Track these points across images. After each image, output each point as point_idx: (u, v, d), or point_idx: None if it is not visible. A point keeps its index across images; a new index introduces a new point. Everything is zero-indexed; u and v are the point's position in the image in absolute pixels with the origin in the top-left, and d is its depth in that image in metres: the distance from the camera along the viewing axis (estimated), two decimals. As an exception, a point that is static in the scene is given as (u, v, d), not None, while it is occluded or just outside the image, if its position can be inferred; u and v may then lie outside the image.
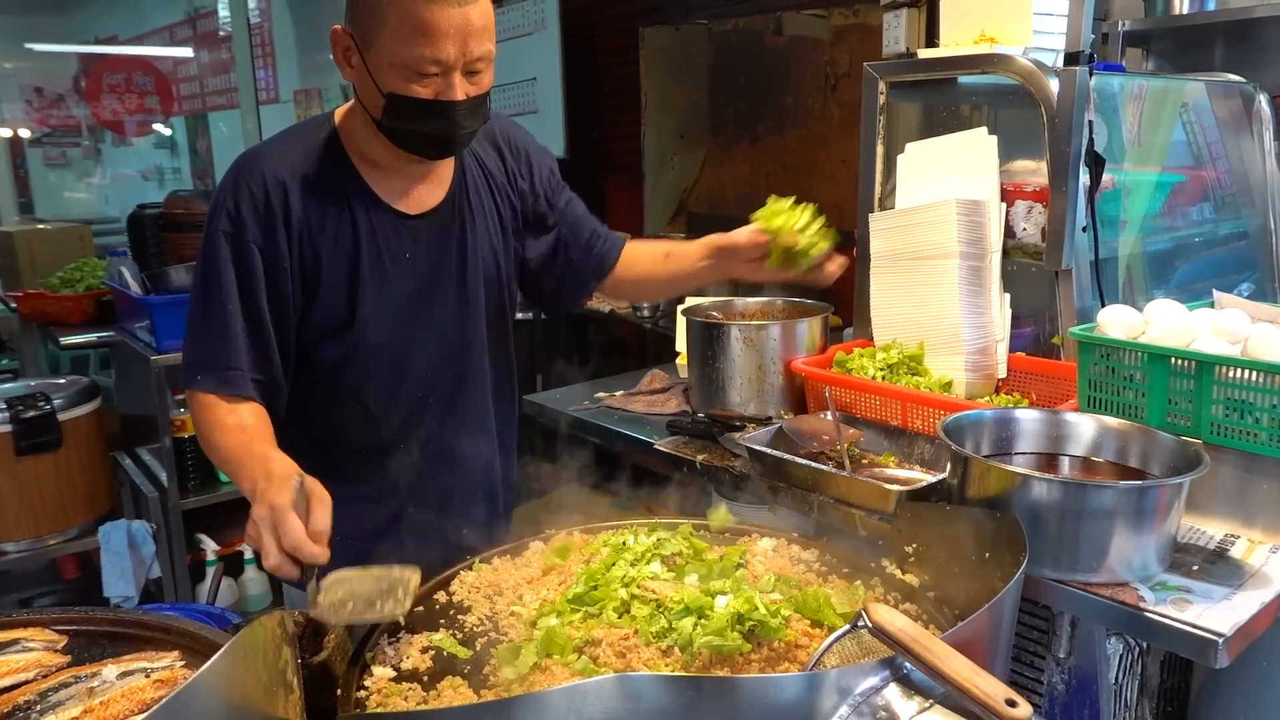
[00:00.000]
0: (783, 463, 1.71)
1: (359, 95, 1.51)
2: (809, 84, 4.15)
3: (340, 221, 1.54)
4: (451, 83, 1.43)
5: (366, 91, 1.48)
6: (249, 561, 3.49)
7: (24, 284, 4.24)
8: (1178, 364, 1.51)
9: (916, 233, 1.97)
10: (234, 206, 1.49)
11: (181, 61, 7.75)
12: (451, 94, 1.43)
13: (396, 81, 1.42)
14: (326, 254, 1.54)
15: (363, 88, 1.49)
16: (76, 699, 1.03)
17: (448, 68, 1.41)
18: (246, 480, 1.34)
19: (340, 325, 1.57)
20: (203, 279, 1.52)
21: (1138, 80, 2.29)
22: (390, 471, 1.67)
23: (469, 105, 1.46)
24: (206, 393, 1.49)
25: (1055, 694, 1.57)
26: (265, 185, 1.49)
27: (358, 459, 1.66)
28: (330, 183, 1.54)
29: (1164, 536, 1.36)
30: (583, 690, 0.85)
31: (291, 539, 1.20)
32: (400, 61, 1.40)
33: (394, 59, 1.40)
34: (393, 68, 1.41)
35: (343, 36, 1.47)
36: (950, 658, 0.83)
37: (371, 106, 1.49)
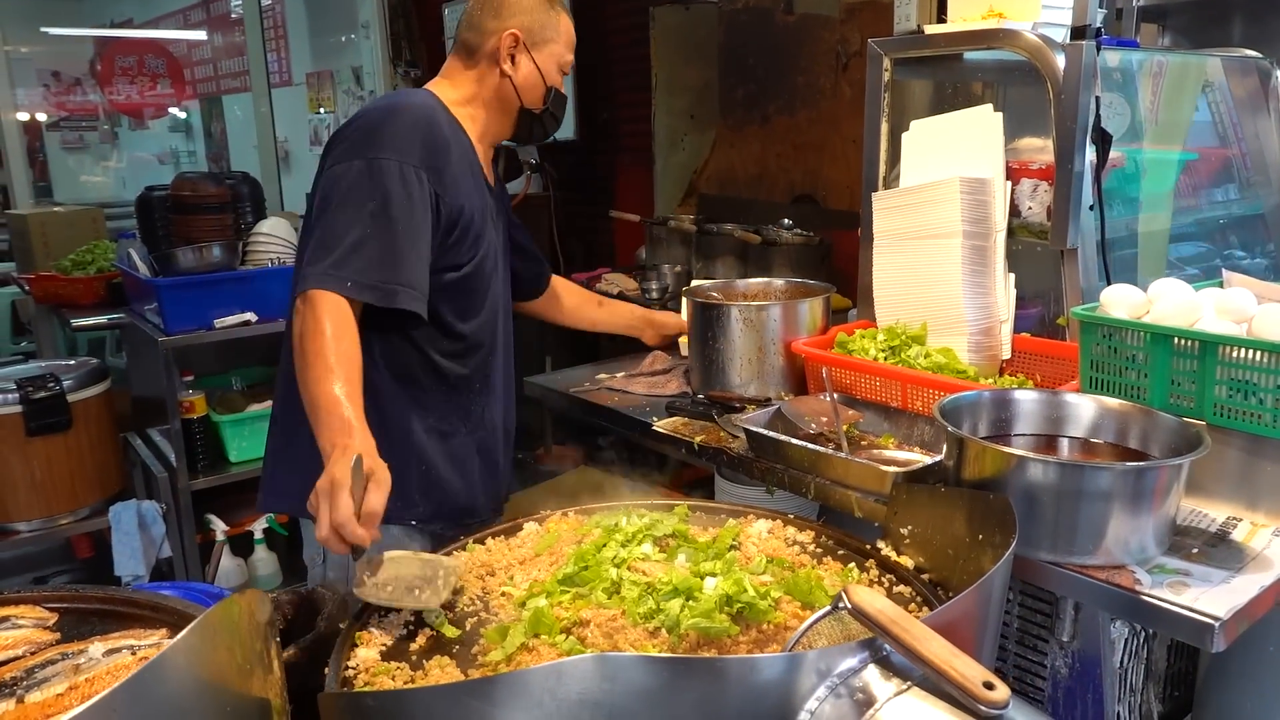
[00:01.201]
0: (780, 444, 1.70)
1: (518, 87, 1.83)
2: (820, 63, 4.10)
3: (467, 176, 1.78)
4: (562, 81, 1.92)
5: (530, 84, 1.84)
6: (259, 542, 3.51)
7: (38, 267, 4.26)
8: (1181, 344, 1.49)
9: (919, 211, 1.94)
10: (406, 139, 1.66)
11: (195, 45, 7.77)
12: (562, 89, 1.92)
13: (556, 77, 1.88)
14: (466, 198, 1.76)
15: (525, 80, 1.84)
16: (62, 675, 1.04)
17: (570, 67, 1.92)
18: (325, 434, 1.42)
19: (468, 257, 1.78)
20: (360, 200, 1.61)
21: (1156, 56, 2.24)
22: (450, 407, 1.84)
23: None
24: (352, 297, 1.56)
25: (1059, 678, 1.56)
26: (433, 128, 1.71)
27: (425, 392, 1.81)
28: (461, 142, 1.79)
29: (1163, 519, 1.33)
30: (558, 670, 0.84)
31: (339, 515, 1.25)
32: (563, 64, 1.88)
33: (561, 62, 1.88)
34: (557, 67, 1.87)
35: (516, 38, 1.81)
36: (929, 640, 0.82)
37: (531, 96, 1.85)
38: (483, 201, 1.82)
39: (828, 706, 0.84)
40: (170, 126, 9.44)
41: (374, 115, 1.70)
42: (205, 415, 3.29)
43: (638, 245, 4.55)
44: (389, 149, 1.64)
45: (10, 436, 3.00)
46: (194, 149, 9.53)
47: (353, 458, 1.30)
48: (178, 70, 7.19)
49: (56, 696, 1.01)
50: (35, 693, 1.01)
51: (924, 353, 1.90)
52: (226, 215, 3.43)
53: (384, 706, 0.91)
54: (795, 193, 4.31)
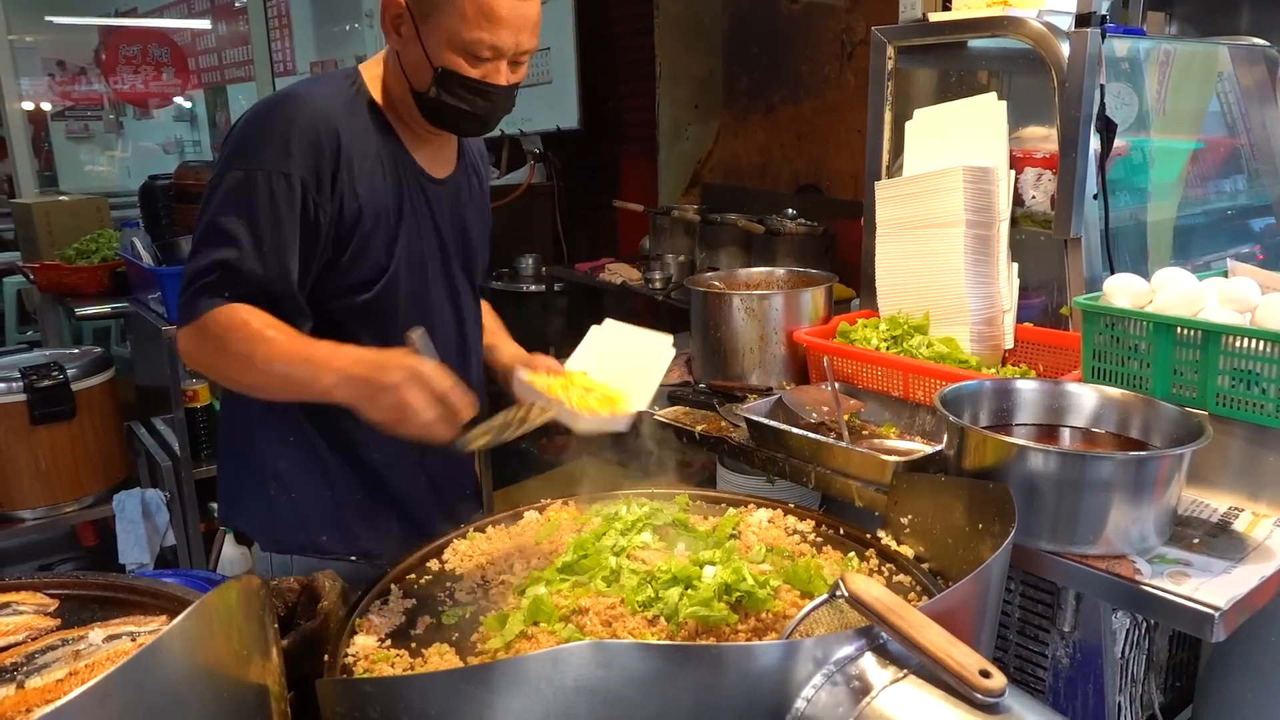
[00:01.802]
0: (781, 433, 1.70)
1: (405, 67, 1.53)
2: (825, 52, 4.09)
3: (378, 174, 1.55)
4: (499, 69, 1.50)
5: (413, 61, 1.51)
6: (262, 530, 3.52)
7: (42, 256, 4.27)
8: (1184, 333, 1.48)
9: (922, 200, 1.93)
10: (283, 143, 1.45)
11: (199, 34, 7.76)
12: (497, 79, 1.50)
13: (451, 58, 1.47)
14: (367, 203, 1.53)
15: (410, 57, 1.51)
16: (62, 661, 1.04)
17: (500, 55, 1.48)
18: (329, 373, 1.33)
19: (375, 273, 1.56)
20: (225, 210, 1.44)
21: (1163, 45, 2.23)
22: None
23: (507, 92, 1.53)
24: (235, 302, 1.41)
25: (1059, 668, 1.56)
26: (316, 126, 1.48)
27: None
28: (369, 136, 1.55)
29: (1164, 509, 1.33)
30: (555, 657, 0.84)
31: (443, 383, 1.23)
32: (460, 42, 1.45)
33: (455, 38, 1.45)
34: (451, 45, 1.46)
35: (398, 5, 1.49)
36: (925, 628, 0.81)
37: (416, 77, 1.52)
38: (401, 200, 1.58)
39: (824, 694, 0.83)
40: (175, 116, 9.44)
41: (253, 116, 1.51)
42: (209, 404, 3.29)
43: (641, 235, 4.54)
44: (261, 153, 1.45)
45: (15, 425, 3.01)
46: (199, 138, 9.53)
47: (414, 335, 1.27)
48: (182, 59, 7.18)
49: (56, 682, 1.01)
50: (35, 678, 1.02)
51: (926, 342, 1.89)
52: (230, 204, 3.42)
53: (382, 693, 0.92)
54: (799, 182, 4.30)
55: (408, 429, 1.27)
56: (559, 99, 4.91)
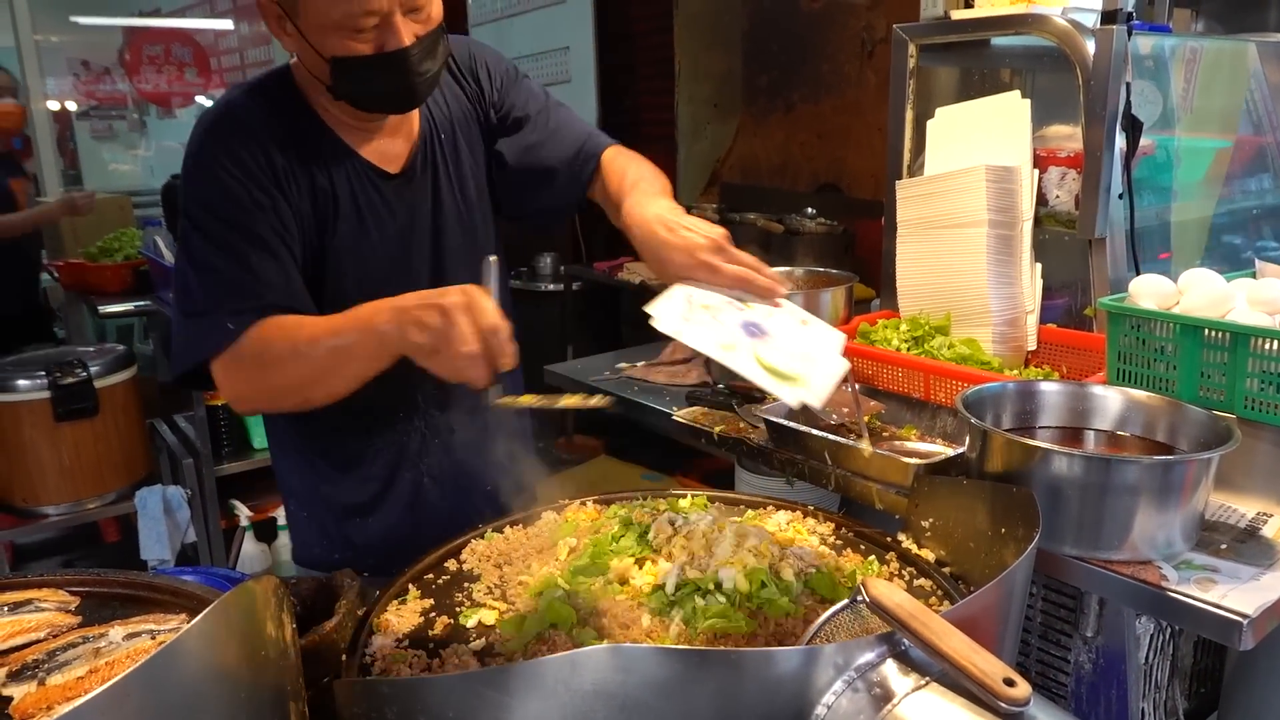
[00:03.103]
0: (800, 435, 1.68)
1: (307, 66, 1.39)
2: (845, 51, 4.07)
3: (317, 177, 1.42)
4: (393, 27, 1.29)
5: (309, 58, 1.35)
6: (282, 528, 3.55)
7: (66, 254, 4.32)
8: (1211, 335, 1.46)
9: (944, 200, 1.91)
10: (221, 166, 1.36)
11: (222, 34, 7.82)
12: (397, 40, 1.30)
13: (335, 42, 1.29)
14: (302, 210, 1.41)
15: (305, 56, 1.36)
16: (83, 659, 1.05)
17: (385, 15, 1.28)
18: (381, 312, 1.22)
19: (312, 283, 1.44)
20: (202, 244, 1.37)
21: (1190, 42, 2.19)
22: (375, 439, 1.60)
23: (421, 48, 1.33)
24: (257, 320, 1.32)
25: (1082, 673, 1.54)
26: (247, 142, 1.37)
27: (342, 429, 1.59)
28: (304, 138, 1.42)
29: (1190, 514, 1.31)
30: (572, 660, 0.83)
31: (494, 319, 1.13)
32: (332, 21, 1.27)
33: (325, 19, 1.28)
34: (328, 29, 1.29)
35: (269, 5, 1.32)
36: (948, 635, 0.80)
37: (318, 73, 1.36)
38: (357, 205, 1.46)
39: (845, 700, 0.82)
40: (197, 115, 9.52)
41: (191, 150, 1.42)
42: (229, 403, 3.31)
43: (660, 234, 4.53)
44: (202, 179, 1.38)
45: (39, 422, 3.04)
46: (221, 138, 9.59)
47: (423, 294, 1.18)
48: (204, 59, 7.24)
49: (77, 679, 1.02)
50: (57, 675, 1.02)
51: (947, 343, 1.87)
52: (251, 203, 3.44)
53: (399, 694, 0.91)
54: (819, 181, 4.28)
55: (443, 359, 1.16)
56: (578, 98, 4.91)
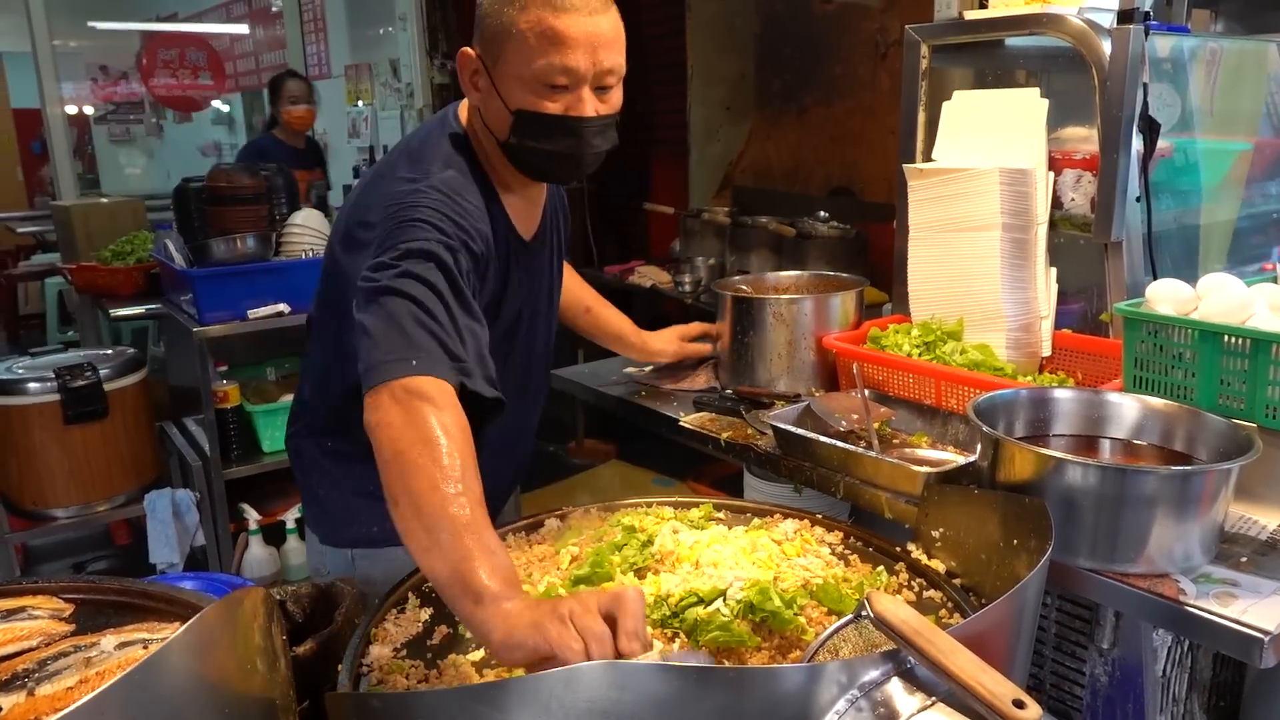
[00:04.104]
0: (808, 442, 1.65)
1: (486, 119, 1.46)
2: (859, 53, 4.03)
3: (489, 244, 1.45)
4: (581, 97, 1.37)
5: (493, 112, 1.43)
6: (291, 531, 3.54)
7: (80, 257, 4.33)
8: (1231, 342, 1.42)
9: (957, 203, 1.88)
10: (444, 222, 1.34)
11: (237, 38, 7.86)
12: (582, 109, 1.38)
13: (525, 97, 1.37)
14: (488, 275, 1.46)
15: (490, 109, 1.43)
16: (73, 669, 1.03)
17: (578, 79, 1.36)
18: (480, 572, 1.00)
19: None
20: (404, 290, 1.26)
21: (1209, 43, 2.15)
22: None
23: (600, 124, 1.41)
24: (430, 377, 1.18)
25: (1098, 686, 1.51)
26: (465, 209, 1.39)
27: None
28: (485, 204, 1.46)
29: (1209, 526, 1.27)
30: (566, 677, 0.81)
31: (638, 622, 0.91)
32: (529, 74, 1.35)
33: (522, 72, 1.36)
34: (521, 82, 1.37)
35: (471, 59, 1.43)
36: (955, 653, 0.77)
37: (498, 127, 1.43)
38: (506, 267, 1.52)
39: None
40: (213, 119, 9.58)
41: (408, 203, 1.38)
42: (239, 405, 3.31)
43: (672, 238, 4.51)
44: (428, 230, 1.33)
45: (49, 424, 3.05)
46: (236, 141, 9.66)
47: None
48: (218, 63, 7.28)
49: (66, 690, 1.00)
50: (46, 685, 1.01)
51: (960, 349, 1.84)
52: (261, 206, 3.44)
53: (390, 709, 0.89)
54: (832, 185, 4.25)
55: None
56: (589, 101, 4.88)
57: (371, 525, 1.61)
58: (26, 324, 7.88)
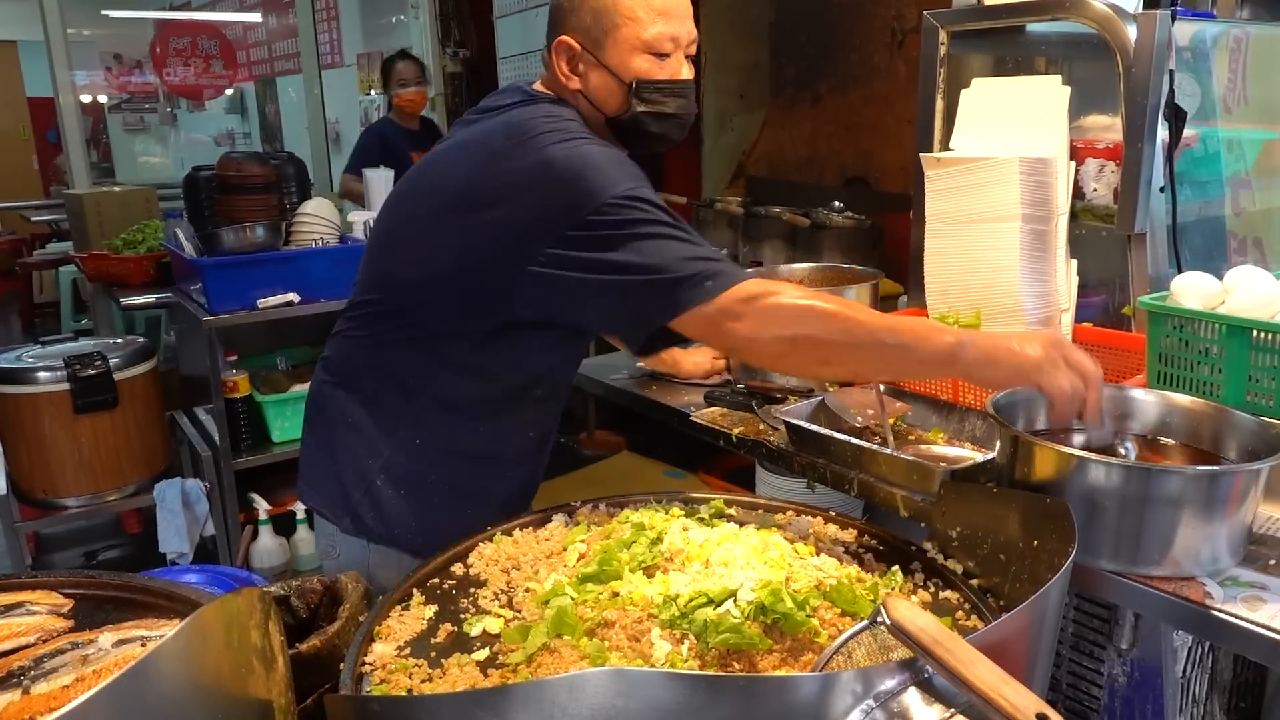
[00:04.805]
0: (822, 438, 1.62)
1: (593, 99, 1.54)
2: (875, 41, 3.98)
3: None
4: (680, 62, 1.53)
5: (604, 90, 1.52)
6: (300, 521, 3.53)
7: (92, 246, 4.33)
8: (1260, 337, 1.38)
9: (975, 193, 1.84)
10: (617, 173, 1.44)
11: (250, 27, 7.84)
12: (681, 73, 1.53)
13: (640, 66, 1.50)
14: None
15: (599, 87, 1.53)
16: (70, 666, 1.01)
17: (679, 46, 1.52)
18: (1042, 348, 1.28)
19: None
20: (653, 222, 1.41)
21: (1234, 30, 2.10)
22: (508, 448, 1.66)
23: (694, 88, 1.56)
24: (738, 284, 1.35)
25: (1116, 686, 1.47)
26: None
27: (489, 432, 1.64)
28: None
29: (1237, 527, 1.23)
30: (570, 683, 0.78)
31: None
32: (643, 44, 1.49)
33: (636, 43, 1.49)
34: (634, 52, 1.49)
35: (570, 45, 1.52)
36: (976, 663, 0.74)
37: (610, 103, 1.53)
38: None
39: (863, 731, 0.77)
40: (226, 108, 9.58)
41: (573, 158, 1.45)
42: (249, 395, 3.30)
43: (684, 228, 4.47)
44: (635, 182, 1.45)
45: (58, 414, 3.04)
46: (249, 130, 9.66)
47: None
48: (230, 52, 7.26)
49: (63, 688, 0.98)
50: (42, 683, 0.99)
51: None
52: (271, 195, 3.42)
53: (390, 713, 0.87)
54: (847, 175, 4.20)
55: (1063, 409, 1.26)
56: (602, 89, 4.84)
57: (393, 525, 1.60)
58: (41, 312, 7.92)
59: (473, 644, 1.16)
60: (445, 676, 1.08)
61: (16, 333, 7.97)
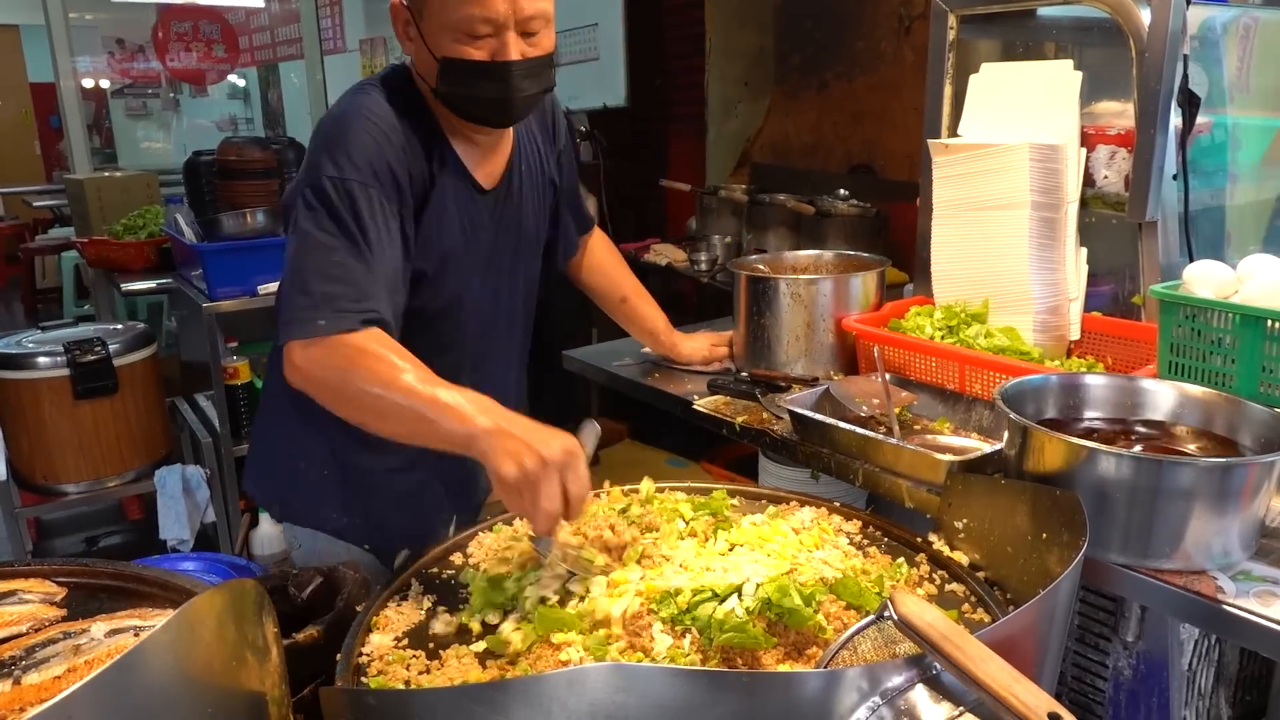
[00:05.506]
0: (826, 427, 1.60)
1: (418, 68, 1.49)
2: (881, 27, 3.93)
3: (428, 184, 1.49)
4: (505, 42, 1.40)
5: (423, 61, 1.46)
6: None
7: (94, 231, 4.31)
8: (1275, 327, 1.35)
9: (984, 180, 1.81)
10: (355, 155, 1.39)
11: (252, 12, 7.79)
12: (506, 54, 1.40)
13: (449, 45, 1.40)
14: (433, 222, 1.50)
15: (420, 58, 1.47)
16: (62, 656, 1.00)
17: (500, 26, 1.39)
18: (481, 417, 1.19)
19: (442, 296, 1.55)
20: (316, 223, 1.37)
21: (1244, 17, 2.06)
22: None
23: (526, 67, 1.43)
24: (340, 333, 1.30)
25: (1121, 679, 1.45)
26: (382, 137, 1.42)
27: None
28: (424, 144, 1.49)
29: (1250, 520, 1.21)
30: (569, 678, 0.77)
31: (582, 487, 1.16)
32: (451, 22, 1.38)
33: (444, 21, 1.39)
34: (444, 30, 1.40)
35: (401, 9, 1.46)
36: (986, 660, 0.72)
37: (428, 75, 1.46)
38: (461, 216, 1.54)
39: (869, 728, 0.75)
40: (229, 93, 9.55)
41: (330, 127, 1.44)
42: (249, 381, 3.28)
43: (689, 215, 4.44)
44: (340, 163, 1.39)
45: (59, 399, 3.03)
46: (252, 116, 9.62)
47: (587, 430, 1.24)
48: (232, 37, 7.22)
49: (54, 679, 0.96)
50: (33, 674, 0.97)
51: (985, 332, 1.78)
52: (272, 180, 3.41)
53: (386, 706, 0.85)
54: (852, 162, 4.16)
55: (521, 502, 1.16)
56: (606, 76, 4.81)
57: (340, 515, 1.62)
58: (44, 298, 7.92)
59: (471, 635, 1.14)
60: (443, 667, 1.07)
61: (19, 318, 7.97)
